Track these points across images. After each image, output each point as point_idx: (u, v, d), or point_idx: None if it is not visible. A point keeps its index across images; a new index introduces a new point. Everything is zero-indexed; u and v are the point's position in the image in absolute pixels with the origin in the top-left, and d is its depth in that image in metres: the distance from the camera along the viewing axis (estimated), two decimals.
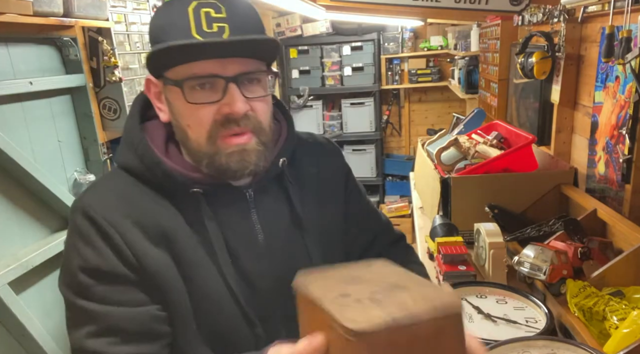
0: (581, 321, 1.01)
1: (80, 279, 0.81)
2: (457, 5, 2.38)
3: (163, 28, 0.80)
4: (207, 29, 0.78)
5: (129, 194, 0.86)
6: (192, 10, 0.78)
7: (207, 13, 0.78)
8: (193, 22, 0.78)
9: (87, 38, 2.03)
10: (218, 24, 0.79)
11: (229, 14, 0.80)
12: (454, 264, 1.26)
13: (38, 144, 1.80)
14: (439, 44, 4.95)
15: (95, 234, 0.81)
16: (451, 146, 1.81)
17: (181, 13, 0.78)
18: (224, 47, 0.79)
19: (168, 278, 0.84)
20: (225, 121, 0.82)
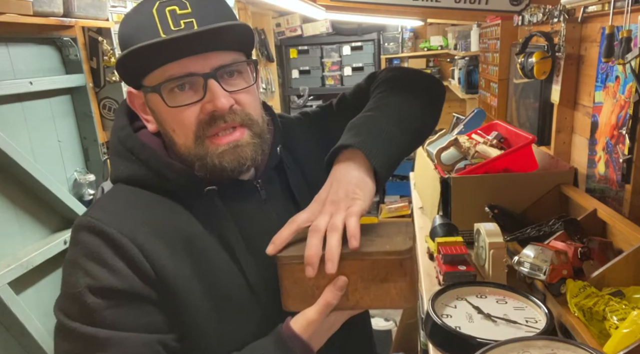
0: (581, 321, 1.01)
1: (89, 302, 0.73)
2: (457, 5, 2.38)
3: (130, 35, 0.78)
4: (174, 27, 0.76)
5: (139, 202, 0.81)
6: (155, 11, 0.76)
7: (171, 11, 0.76)
8: (159, 23, 0.76)
9: (87, 38, 2.03)
10: (185, 20, 0.76)
11: (195, 8, 0.77)
12: (454, 264, 1.26)
13: (38, 144, 1.80)
14: (439, 44, 4.95)
15: (107, 250, 0.75)
16: (451, 146, 1.81)
17: (146, 16, 0.77)
18: (195, 42, 0.75)
19: (189, 290, 0.79)
20: (210, 119, 0.79)
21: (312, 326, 0.79)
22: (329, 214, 0.77)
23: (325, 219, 0.76)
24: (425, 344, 1.90)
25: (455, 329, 1.02)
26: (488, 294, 1.17)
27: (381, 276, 0.78)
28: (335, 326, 0.83)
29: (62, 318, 0.75)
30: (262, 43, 4.29)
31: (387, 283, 0.78)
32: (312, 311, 0.78)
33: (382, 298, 0.79)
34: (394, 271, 0.78)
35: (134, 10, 0.80)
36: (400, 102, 0.97)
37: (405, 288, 0.79)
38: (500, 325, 1.04)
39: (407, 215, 4.86)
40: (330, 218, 0.76)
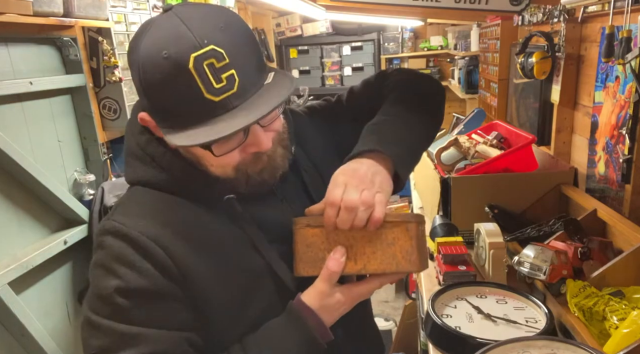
0: (581, 321, 1.01)
1: (119, 302, 0.75)
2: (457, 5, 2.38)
3: (164, 90, 0.73)
4: (217, 85, 0.71)
5: (159, 205, 0.82)
6: (193, 68, 0.70)
7: (210, 65, 0.71)
8: (200, 82, 0.70)
9: (87, 38, 2.03)
10: (226, 74, 0.72)
11: (231, 56, 0.72)
12: (454, 264, 1.26)
13: (38, 144, 1.80)
14: (439, 44, 4.96)
15: (133, 253, 0.77)
16: (451, 146, 1.81)
17: (182, 72, 0.70)
18: (241, 98, 0.74)
19: (212, 287, 0.81)
20: (253, 157, 0.81)
21: (320, 296, 0.83)
22: (360, 190, 0.80)
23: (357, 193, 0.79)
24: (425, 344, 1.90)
25: (455, 329, 1.02)
26: (488, 294, 1.17)
27: (388, 240, 0.82)
28: (346, 304, 0.85)
29: (92, 315, 0.77)
30: (262, 43, 4.30)
31: (393, 247, 0.82)
32: (318, 281, 0.83)
33: (389, 262, 0.83)
34: (400, 235, 0.82)
35: (159, 65, 0.71)
36: (416, 110, 1.00)
37: (412, 252, 0.82)
38: (500, 325, 1.04)
39: None
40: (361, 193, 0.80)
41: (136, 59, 0.74)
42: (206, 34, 0.71)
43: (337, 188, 0.81)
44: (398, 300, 4.00)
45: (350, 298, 0.85)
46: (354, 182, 0.81)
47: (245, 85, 0.74)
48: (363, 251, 0.83)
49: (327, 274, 0.82)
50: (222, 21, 0.75)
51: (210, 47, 0.71)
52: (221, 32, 0.73)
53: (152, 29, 0.74)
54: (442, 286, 1.21)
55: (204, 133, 0.72)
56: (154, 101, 0.76)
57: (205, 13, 0.75)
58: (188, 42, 0.71)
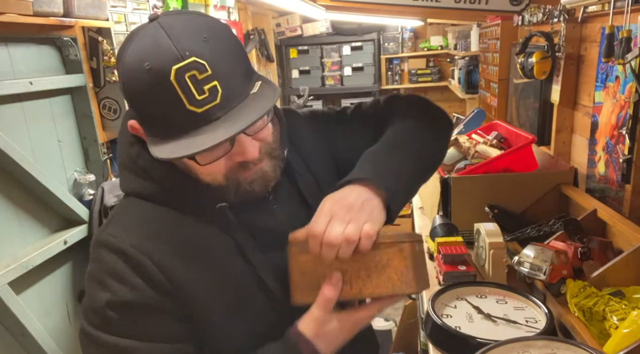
0: (581, 321, 1.01)
1: (109, 315, 0.77)
2: (457, 5, 2.38)
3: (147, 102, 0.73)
4: (200, 96, 0.71)
5: (152, 216, 0.83)
6: (174, 80, 0.70)
7: (192, 77, 0.70)
8: (182, 94, 0.70)
9: (87, 38, 2.03)
10: (208, 86, 0.71)
11: (214, 68, 0.71)
12: (454, 264, 1.26)
13: (38, 144, 1.80)
14: (439, 44, 4.95)
15: (125, 267, 0.78)
16: (451, 146, 1.81)
17: (163, 84, 0.70)
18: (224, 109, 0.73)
19: (205, 298, 0.81)
20: (240, 166, 0.81)
21: (316, 324, 0.81)
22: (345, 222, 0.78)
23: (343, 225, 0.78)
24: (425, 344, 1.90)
25: (455, 329, 1.02)
26: (488, 294, 1.17)
27: (382, 262, 0.80)
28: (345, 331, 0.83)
29: (86, 325, 0.79)
30: (262, 43, 4.29)
31: (388, 269, 0.80)
32: (314, 308, 0.81)
33: (385, 285, 0.81)
34: (394, 257, 0.80)
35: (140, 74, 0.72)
36: (420, 143, 0.98)
37: (407, 273, 0.80)
38: (500, 325, 1.04)
39: (407, 215, 4.86)
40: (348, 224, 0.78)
41: (121, 68, 0.75)
42: (188, 45, 0.71)
43: (322, 218, 0.79)
44: None
45: (349, 324, 0.83)
46: (340, 213, 0.78)
47: (229, 96, 0.73)
48: (358, 275, 0.81)
49: (323, 301, 0.80)
50: (206, 32, 0.74)
51: (192, 59, 0.70)
52: (204, 43, 0.72)
53: (136, 39, 0.74)
54: (442, 286, 1.21)
55: (186, 145, 0.72)
56: (138, 111, 0.77)
57: (189, 23, 0.74)
58: (170, 54, 0.70)
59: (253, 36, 3.99)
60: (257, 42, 4.07)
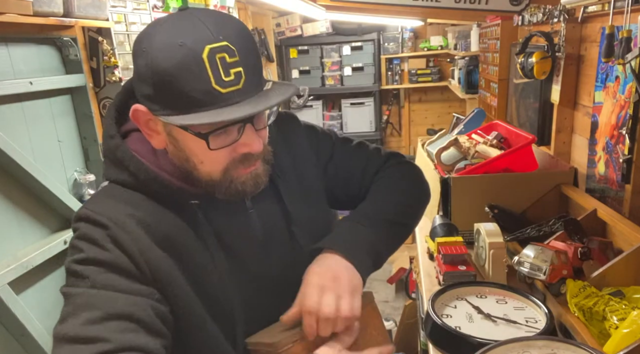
0: (581, 321, 1.01)
1: (79, 269, 0.78)
2: (457, 5, 2.38)
3: (173, 74, 0.75)
4: (226, 78, 0.76)
5: (129, 200, 0.85)
6: (206, 57, 0.74)
7: (222, 59, 0.75)
8: (210, 72, 0.74)
9: (87, 38, 2.03)
10: (234, 70, 0.76)
11: (241, 54, 0.77)
12: (454, 264, 1.26)
13: (38, 144, 1.80)
14: (439, 44, 4.95)
15: (100, 233, 0.80)
16: (451, 146, 1.81)
17: (195, 59, 0.74)
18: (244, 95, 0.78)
19: (175, 279, 0.83)
20: (243, 158, 0.84)
21: None
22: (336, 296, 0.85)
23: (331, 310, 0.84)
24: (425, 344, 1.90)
25: (455, 329, 1.02)
26: (488, 294, 1.17)
27: (363, 324, 0.89)
28: None
29: (61, 289, 0.80)
30: (262, 43, 4.29)
31: (369, 328, 0.91)
32: None
33: (370, 343, 0.90)
34: (371, 316, 0.92)
35: (173, 42, 0.75)
36: (398, 216, 1.04)
37: (382, 327, 0.95)
38: (500, 325, 1.04)
39: None
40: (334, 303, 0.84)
41: (147, 47, 0.77)
42: (221, 31, 0.76)
43: (313, 293, 0.85)
44: (398, 300, 4.00)
45: None
46: (329, 286, 0.85)
47: (249, 85, 0.78)
48: None
49: None
50: (235, 27, 0.79)
51: (225, 43, 0.75)
52: (234, 33, 0.78)
53: (167, 23, 0.78)
54: (442, 286, 1.21)
55: (208, 116, 0.75)
56: (159, 86, 0.77)
57: (221, 18, 0.80)
58: (205, 34, 0.75)
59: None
60: (257, 42, 4.07)
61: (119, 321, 0.75)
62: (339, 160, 1.08)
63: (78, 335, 0.73)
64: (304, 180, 1.03)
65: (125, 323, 0.75)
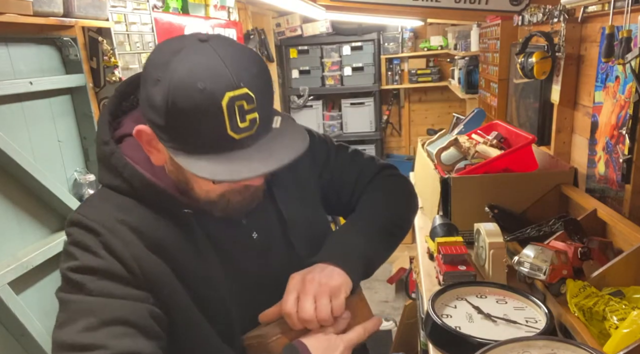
0: (581, 321, 1.01)
1: (74, 277, 0.79)
2: (457, 5, 2.38)
3: (191, 117, 0.74)
4: (241, 124, 0.75)
5: (124, 205, 0.85)
6: (225, 105, 0.73)
7: (240, 106, 0.74)
8: (227, 119, 0.74)
9: (87, 38, 2.03)
10: (250, 116, 0.76)
11: (258, 100, 0.76)
12: (454, 264, 1.26)
13: (38, 144, 1.80)
14: (439, 44, 4.95)
15: (93, 239, 0.81)
16: (451, 146, 1.81)
17: (214, 106, 0.73)
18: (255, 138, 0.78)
19: (169, 284, 0.83)
20: (243, 188, 0.86)
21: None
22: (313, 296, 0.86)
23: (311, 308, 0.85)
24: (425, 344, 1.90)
25: (455, 329, 1.02)
26: (488, 294, 1.17)
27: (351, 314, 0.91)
28: None
29: (57, 294, 0.81)
30: (262, 43, 4.29)
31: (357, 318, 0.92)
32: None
33: None
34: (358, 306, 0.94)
35: (193, 84, 0.73)
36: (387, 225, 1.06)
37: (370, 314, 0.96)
38: (500, 325, 1.04)
39: None
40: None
41: (162, 77, 0.75)
42: (242, 76, 0.74)
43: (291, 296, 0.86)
44: (398, 300, 4.00)
45: None
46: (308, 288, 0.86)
47: (261, 129, 0.78)
48: None
49: None
50: (255, 66, 0.78)
51: (245, 90, 0.74)
52: (254, 76, 0.76)
53: (187, 55, 0.75)
54: (442, 286, 1.21)
55: (221, 168, 0.75)
56: (172, 122, 0.76)
57: (241, 54, 0.78)
58: (226, 80, 0.73)
59: (253, 36, 3.99)
60: (257, 42, 4.07)
61: (116, 327, 0.76)
62: (334, 167, 1.10)
63: (76, 343, 0.74)
64: (300, 183, 1.03)
65: (121, 328, 0.76)
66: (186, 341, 0.86)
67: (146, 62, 0.80)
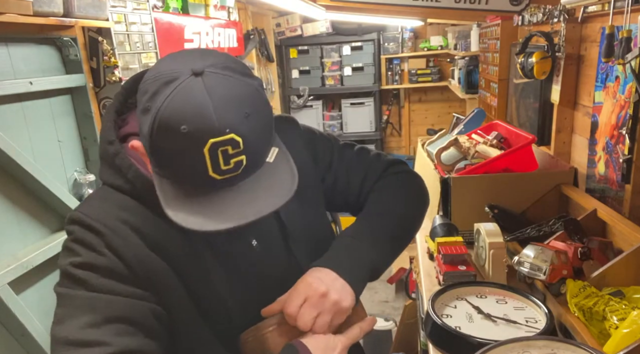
0: (581, 321, 1.01)
1: (77, 273, 0.78)
2: (457, 5, 2.38)
3: (173, 157, 0.74)
4: (224, 167, 0.73)
5: (122, 205, 0.85)
6: (207, 151, 0.71)
7: (224, 151, 0.72)
8: (209, 163, 0.72)
9: (87, 38, 2.03)
10: (235, 159, 0.73)
11: (246, 144, 0.73)
12: (454, 264, 1.26)
13: (38, 144, 1.80)
14: (439, 44, 4.96)
15: (94, 237, 0.81)
16: (451, 146, 1.81)
17: (195, 151, 0.71)
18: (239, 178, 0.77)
19: (170, 284, 0.84)
20: None
21: None
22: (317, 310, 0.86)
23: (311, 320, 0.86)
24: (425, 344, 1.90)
25: (455, 329, 1.02)
26: (488, 294, 1.17)
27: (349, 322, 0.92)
28: None
29: (56, 289, 0.81)
30: (262, 43, 4.29)
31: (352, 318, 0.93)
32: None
33: None
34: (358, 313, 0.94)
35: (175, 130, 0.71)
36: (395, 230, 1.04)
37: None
38: (500, 325, 1.04)
39: None
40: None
41: (153, 111, 0.73)
42: (230, 121, 0.71)
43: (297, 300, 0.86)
44: (398, 300, 4.00)
45: None
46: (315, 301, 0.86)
47: (250, 168, 0.76)
48: None
49: None
50: (249, 106, 0.74)
51: (230, 136, 0.71)
52: (244, 119, 0.73)
53: (177, 91, 0.72)
54: (442, 286, 1.21)
55: (196, 211, 0.75)
56: (156, 155, 0.77)
57: (234, 93, 0.74)
58: (210, 125, 0.71)
59: (253, 36, 3.99)
60: (257, 42, 4.07)
61: (118, 324, 0.76)
62: (338, 169, 1.08)
63: (78, 339, 0.73)
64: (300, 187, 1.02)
65: (123, 326, 0.76)
66: (186, 342, 0.86)
67: (145, 76, 0.79)
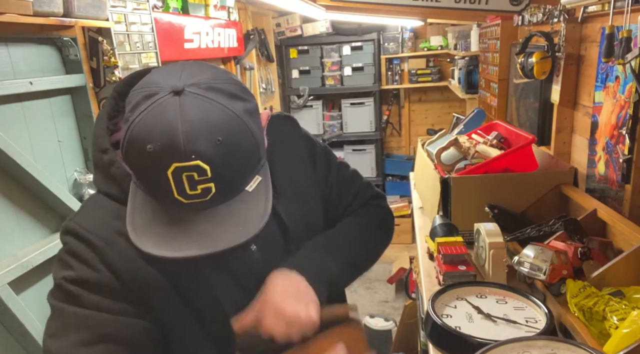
0: (581, 321, 1.01)
1: (71, 289, 0.78)
2: (457, 5, 2.38)
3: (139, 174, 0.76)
4: (190, 192, 0.72)
5: (119, 214, 0.83)
6: (171, 174, 0.70)
7: (189, 176, 0.70)
8: (174, 186, 0.71)
9: (87, 38, 2.03)
10: (203, 186, 0.71)
11: (215, 172, 0.71)
12: (454, 264, 1.26)
13: (38, 144, 1.80)
14: (439, 44, 4.96)
15: (88, 251, 0.80)
16: (451, 146, 1.81)
17: (158, 173, 0.71)
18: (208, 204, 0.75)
19: (166, 297, 0.83)
20: None
21: None
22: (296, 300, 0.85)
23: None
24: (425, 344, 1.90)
25: (455, 329, 1.02)
26: (488, 294, 1.17)
27: None
28: None
29: (51, 299, 0.82)
30: (262, 43, 4.29)
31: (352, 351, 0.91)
32: None
33: None
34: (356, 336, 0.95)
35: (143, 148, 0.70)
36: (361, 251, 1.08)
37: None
38: (500, 325, 1.04)
39: (407, 215, 4.86)
40: None
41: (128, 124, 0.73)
42: (197, 147, 0.69)
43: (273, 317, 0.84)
44: (398, 300, 4.00)
45: None
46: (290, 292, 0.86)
47: (218, 197, 0.74)
48: None
49: None
50: (223, 132, 0.71)
51: (196, 163, 0.69)
52: (216, 146, 0.70)
53: (152, 108, 0.71)
54: (442, 286, 1.21)
55: (158, 232, 0.74)
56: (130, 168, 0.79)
57: (210, 117, 0.71)
58: (175, 149, 0.69)
59: (253, 36, 4.00)
60: (257, 42, 4.07)
61: (108, 344, 0.77)
62: (334, 182, 1.10)
63: None
64: (300, 189, 1.02)
65: (114, 346, 0.77)
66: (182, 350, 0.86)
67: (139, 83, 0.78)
